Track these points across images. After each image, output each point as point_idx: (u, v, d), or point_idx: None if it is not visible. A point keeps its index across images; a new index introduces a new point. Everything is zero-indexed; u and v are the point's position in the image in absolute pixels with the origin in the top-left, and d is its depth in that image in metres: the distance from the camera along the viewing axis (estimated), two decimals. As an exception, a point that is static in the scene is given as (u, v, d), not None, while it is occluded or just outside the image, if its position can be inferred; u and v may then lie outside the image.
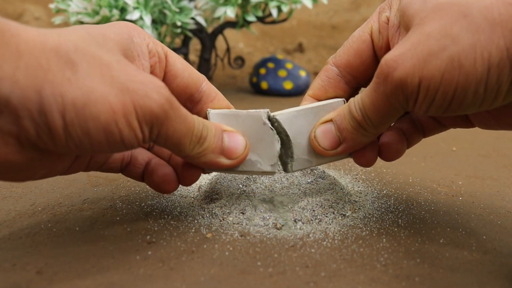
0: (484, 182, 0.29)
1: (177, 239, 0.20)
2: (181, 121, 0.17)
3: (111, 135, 0.16)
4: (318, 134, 0.20)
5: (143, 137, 0.17)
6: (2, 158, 0.15)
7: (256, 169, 0.21)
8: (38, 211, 0.23)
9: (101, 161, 0.20)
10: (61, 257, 0.19)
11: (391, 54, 0.17)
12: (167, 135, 0.17)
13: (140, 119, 0.16)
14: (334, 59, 0.21)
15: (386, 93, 0.17)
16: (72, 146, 0.15)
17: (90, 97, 0.15)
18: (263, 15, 0.56)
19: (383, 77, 0.17)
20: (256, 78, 0.64)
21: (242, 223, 0.22)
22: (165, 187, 0.21)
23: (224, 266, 0.18)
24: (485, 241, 0.21)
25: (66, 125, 0.15)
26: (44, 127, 0.15)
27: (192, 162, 0.19)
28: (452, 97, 0.16)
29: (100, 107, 0.15)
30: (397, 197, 0.26)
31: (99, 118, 0.15)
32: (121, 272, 0.18)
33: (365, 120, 0.19)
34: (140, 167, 0.21)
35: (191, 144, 0.18)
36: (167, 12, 0.50)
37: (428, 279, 0.18)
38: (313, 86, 0.22)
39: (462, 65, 0.15)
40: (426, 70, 0.16)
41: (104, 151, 0.16)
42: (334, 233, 0.21)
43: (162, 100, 0.16)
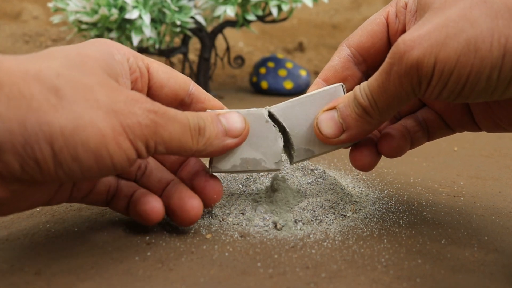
0: (486, 183, 0.29)
1: (177, 240, 0.20)
2: (173, 122, 0.17)
3: (101, 159, 0.15)
4: (321, 121, 0.20)
5: (138, 154, 0.16)
6: None
7: (261, 168, 0.21)
8: (37, 211, 0.23)
9: (84, 191, 0.20)
10: (59, 258, 0.18)
11: (409, 35, 0.16)
12: (165, 141, 0.17)
13: (131, 137, 0.16)
14: (347, 40, 0.21)
15: (400, 73, 0.17)
16: (61, 173, 0.15)
17: (79, 123, 0.15)
18: (263, 14, 0.56)
19: (399, 55, 0.16)
20: (256, 77, 0.64)
21: (242, 223, 0.22)
22: (148, 217, 0.19)
23: (224, 267, 0.18)
24: (487, 242, 0.21)
25: (55, 154, 0.15)
26: (29, 160, 0.14)
27: (202, 156, 0.19)
28: (466, 81, 0.16)
29: (89, 133, 0.15)
30: (398, 197, 0.26)
31: (89, 144, 0.15)
32: (120, 273, 0.17)
33: (370, 105, 0.18)
34: (124, 199, 0.20)
35: (193, 139, 0.18)
36: (166, 11, 0.50)
37: (429, 280, 0.17)
38: (324, 69, 0.22)
39: (479, 48, 0.15)
40: (443, 52, 0.16)
41: (94, 176, 0.16)
42: (335, 234, 0.21)
43: (145, 113, 0.16)
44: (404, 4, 0.20)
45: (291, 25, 0.97)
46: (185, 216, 0.19)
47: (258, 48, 0.91)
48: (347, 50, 0.21)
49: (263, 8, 0.56)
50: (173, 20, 0.51)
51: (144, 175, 0.21)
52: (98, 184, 0.20)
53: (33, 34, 0.79)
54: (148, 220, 0.19)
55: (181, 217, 0.20)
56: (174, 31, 0.54)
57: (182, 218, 0.20)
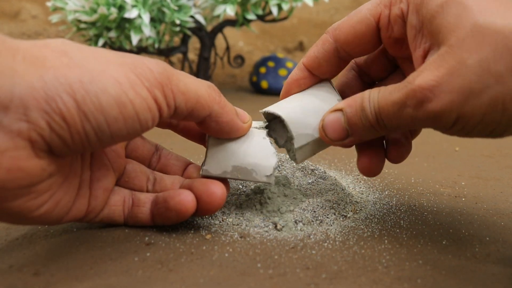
0: (488, 183, 0.29)
1: (176, 241, 0.20)
2: (186, 75, 0.18)
3: (124, 107, 0.15)
4: (327, 125, 0.20)
5: (158, 106, 0.16)
6: (14, 165, 0.14)
7: (251, 178, 0.21)
8: (35, 211, 0.23)
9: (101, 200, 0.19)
10: (58, 259, 0.18)
11: (426, 79, 0.16)
12: (182, 91, 0.17)
13: (147, 85, 0.16)
14: (334, 32, 0.20)
15: (414, 117, 0.16)
16: (89, 129, 0.15)
17: (94, 74, 0.15)
18: (263, 13, 0.56)
19: (415, 103, 0.16)
20: (256, 77, 0.64)
21: (241, 224, 0.22)
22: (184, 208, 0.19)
23: (224, 267, 0.18)
24: (488, 243, 0.21)
25: (79, 105, 0.14)
26: (55, 115, 0.14)
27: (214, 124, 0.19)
28: (489, 133, 0.16)
29: (106, 81, 0.15)
30: (399, 198, 0.26)
31: (109, 91, 0.15)
32: (119, 274, 0.17)
33: (378, 123, 0.18)
34: (145, 206, 0.20)
35: (210, 96, 0.18)
36: (165, 10, 0.50)
37: (430, 281, 0.17)
38: (309, 55, 0.21)
39: (506, 108, 0.15)
40: (466, 108, 0.15)
41: (121, 131, 0.16)
42: (335, 234, 0.21)
43: (155, 62, 0.17)
44: (401, 13, 0.19)
45: (291, 25, 0.97)
46: (213, 199, 0.19)
47: (258, 47, 0.91)
48: (333, 44, 0.21)
49: (263, 7, 0.56)
50: (173, 19, 0.51)
51: (155, 183, 0.21)
52: (113, 195, 0.20)
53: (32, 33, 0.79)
54: (183, 212, 0.19)
55: (208, 202, 0.19)
56: (174, 31, 0.54)
57: (210, 202, 0.19)
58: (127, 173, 0.21)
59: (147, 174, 0.21)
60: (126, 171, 0.21)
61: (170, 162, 0.22)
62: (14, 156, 0.14)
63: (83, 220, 0.19)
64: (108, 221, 0.20)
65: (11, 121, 0.14)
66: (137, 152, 0.22)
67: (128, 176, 0.21)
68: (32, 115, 0.14)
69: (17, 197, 0.15)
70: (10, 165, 0.14)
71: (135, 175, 0.21)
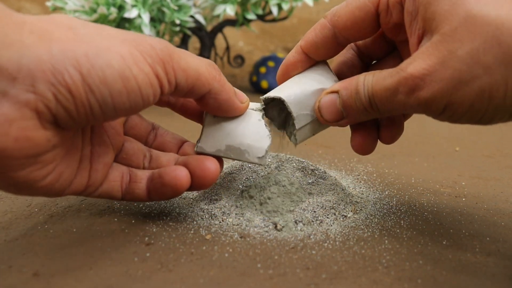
0: (488, 183, 0.29)
1: (176, 241, 0.20)
2: (187, 53, 0.18)
3: (128, 81, 0.16)
4: (322, 106, 0.20)
5: (160, 82, 0.17)
6: (21, 134, 0.15)
7: (243, 158, 0.21)
8: (35, 212, 0.23)
9: (101, 174, 0.20)
10: (58, 259, 0.18)
11: (417, 67, 0.16)
12: (183, 69, 0.17)
13: (149, 61, 0.16)
14: (333, 18, 0.21)
15: (406, 103, 0.17)
16: (94, 101, 0.15)
17: (99, 49, 0.15)
18: (263, 13, 0.56)
19: (407, 90, 0.17)
20: (256, 77, 0.64)
21: (241, 224, 0.22)
22: (178, 182, 0.19)
23: (224, 268, 0.18)
24: (488, 243, 0.21)
25: (84, 78, 0.15)
26: (61, 87, 0.15)
27: (213, 101, 0.19)
28: (477, 121, 0.16)
29: (111, 56, 0.15)
30: (399, 198, 0.26)
31: (113, 65, 0.15)
32: (118, 274, 0.17)
33: (372, 107, 0.19)
34: (142, 181, 0.21)
35: (210, 74, 0.19)
36: (165, 10, 0.50)
37: (430, 281, 0.17)
38: (307, 38, 0.21)
39: (493, 97, 0.15)
40: (455, 97, 0.16)
41: (124, 104, 0.16)
42: (336, 235, 0.21)
43: (157, 40, 0.17)
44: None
45: (291, 24, 0.97)
46: (207, 174, 0.20)
47: (258, 47, 0.91)
48: (331, 30, 0.21)
49: (263, 7, 0.56)
50: (173, 19, 0.51)
51: (151, 161, 0.22)
52: (112, 170, 0.20)
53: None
54: (178, 187, 0.20)
55: (202, 177, 0.20)
56: (174, 30, 0.54)
57: (203, 177, 0.20)
58: (125, 150, 0.21)
59: (144, 151, 0.22)
60: (124, 148, 0.21)
61: (166, 140, 0.23)
62: (21, 126, 0.15)
63: (82, 194, 0.19)
64: (106, 196, 0.20)
65: (19, 92, 0.14)
66: (135, 130, 0.22)
67: (126, 153, 0.21)
68: (39, 86, 0.14)
69: (23, 167, 0.15)
70: (18, 135, 0.15)
71: (132, 152, 0.21)
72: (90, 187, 0.19)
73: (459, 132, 0.42)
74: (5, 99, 0.14)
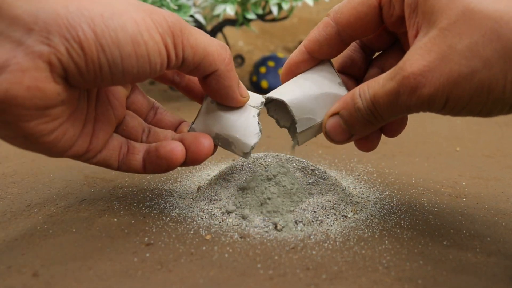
0: (488, 183, 0.29)
1: (176, 241, 0.20)
2: (198, 31, 0.19)
3: (138, 46, 0.16)
4: (329, 131, 0.21)
5: (168, 52, 0.17)
6: (33, 84, 0.15)
7: (229, 149, 0.22)
8: (34, 212, 0.23)
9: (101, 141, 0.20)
10: (57, 259, 0.18)
11: (418, 65, 0.16)
12: (191, 45, 0.18)
13: (160, 31, 0.17)
14: (336, 15, 0.21)
15: (409, 103, 0.17)
16: (104, 61, 0.16)
17: (114, 11, 0.16)
18: (263, 12, 0.56)
19: (409, 90, 0.17)
20: (256, 77, 0.63)
21: (241, 224, 0.22)
22: (173, 156, 0.20)
23: (224, 268, 0.18)
24: (489, 243, 0.21)
25: (98, 36, 0.15)
26: (74, 43, 0.15)
27: (215, 83, 0.20)
28: (477, 113, 0.17)
29: (125, 19, 0.16)
30: (400, 198, 0.26)
31: (127, 28, 0.16)
32: (118, 274, 0.17)
33: (375, 118, 0.19)
34: (139, 154, 0.21)
35: (220, 55, 0.19)
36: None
37: (431, 281, 0.17)
38: (310, 37, 0.22)
39: (492, 90, 0.15)
40: (455, 91, 0.16)
41: (132, 68, 0.17)
42: (336, 235, 0.21)
43: (174, 15, 0.18)
44: None
45: (291, 24, 0.97)
46: (201, 148, 0.20)
47: (258, 47, 0.91)
48: (335, 27, 0.21)
49: (263, 7, 0.56)
50: (173, 19, 0.50)
51: (149, 135, 0.22)
52: (111, 140, 0.21)
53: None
54: (173, 160, 0.20)
55: (196, 151, 0.20)
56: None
57: (198, 151, 0.20)
58: (126, 123, 0.22)
59: (143, 126, 0.23)
60: (125, 121, 0.22)
61: (165, 118, 0.24)
62: (34, 76, 0.15)
63: (81, 158, 0.20)
64: (104, 164, 0.21)
65: (34, 43, 0.15)
66: (136, 105, 0.23)
67: (126, 125, 0.22)
68: (53, 39, 0.15)
69: (32, 117, 0.16)
70: (30, 84, 0.15)
71: (132, 125, 0.22)
72: (89, 152, 0.20)
73: (459, 132, 0.42)
74: (20, 49, 0.15)
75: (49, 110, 0.16)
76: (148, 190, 0.26)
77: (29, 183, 0.27)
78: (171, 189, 0.26)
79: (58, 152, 0.18)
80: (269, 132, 0.41)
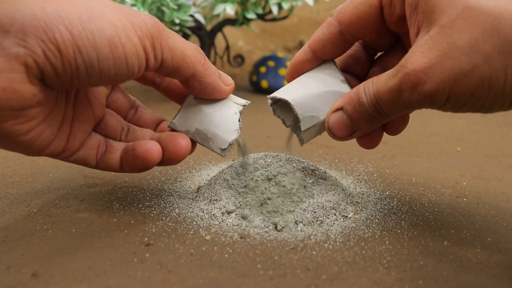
0: (489, 183, 0.29)
1: (176, 241, 0.20)
2: (176, 35, 0.19)
3: (115, 48, 0.16)
4: (332, 126, 0.20)
5: (146, 55, 0.17)
6: (8, 86, 0.15)
7: (207, 146, 0.22)
8: (34, 212, 0.23)
9: (79, 140, 0.20)
10: (57, 260, 0.18)
11: (419, 62, 0.16)
12: (170, 47, 0.18)
13: (139, 34, 0.17)
14: (339, 15, 0.21)
15: (411, 99, 0.17)
16: (81, 62, 0.16)
17: (92, 13, 0.16)
18: (263, 12, 0.56)
19: (410, 85, 0.17)
20: (256, 76, 0.63)
21: (241, 225, 0.21)
22: (149, 156, 0.20)
23: (224, 268, 0.18)
24: (490, 243, 0.21)
25: (75, 38, 0.16)
26: (50, 44, 0.15)
27: (197, 83, 0.20)
28: (478, 109, 0.17)
29: (103, 22, 0.16)
30: (400, 198, 0.26)
31: (104, 31, 0.16)
32: (118, 275, 0.17)
33: (379, 113, 0.19)
34: (116, 152, 0.21)
35: (195, 57, 0.19)
36: (165, 9, 0.50)
37: (432, 282, 0.17)
38: (314, 37, 0.22)
39: (492, 86, 0.16)
40: (457, 87, 0.16)
41: (109, 70, 0.17)
42: (336, 235, 0.21)
43: (149, 16, 0.18)
44: None
45: (291, 24, 0.96)
46: (178, 149, 0.21)
47: (258, 46, 0.90)
48: (338, 27, 0.21)
49: (263, 6, 0.56)
50: (172, 19, 0.50)
51: (128, 134, 0.22)
52: (89, 138, 0.21)
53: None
54: (149, 160, 0.20)
55: (173, 152, 0.21)
56: (173, 30, 0.54)
57: (174, 152, 0.21)
58: (105, 121, 0.22)
59: (122, 124, 0.23)
60: (104, 119, 0.22)
61: (145, 116, 0.24)
62: (9, 77, 0.15)
63: (59, 157, 0.20)
64: (81, 162, 0.21)
65: (10, 44, 0.15)
66: (117, 103, 0.23)
67: (105, 124, 0.22)
68: (30, 41, 0.15)
69: (8, 118, 0.16)
70: (5, 86, 0.15)
71: (111, 123, 0.22)
72: (67, 151, 0.20)
73: (460, 132, 0.42)
74: None
75: (25, 111, 0.16)
76: (147, 190, 0.26)
77: (28, 183, 0.27)
78: (170, 189, 0.26)
79: (35, 152, 0.18)
80: (269, 132, 0.40)
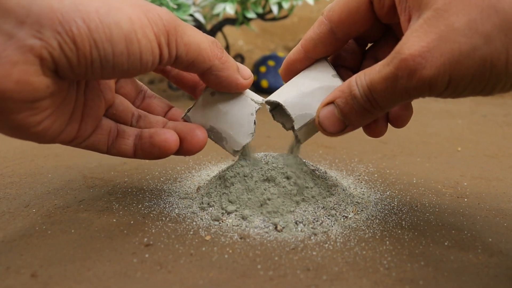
0: (490, 183, 0.29)
1: (175, 242, 0.20)
2: (193, 29, 0.19)
3: (131, 44, 0.16)
4: (323, 120, 0.20)
5: (160, 51, 0.17)
6: (22, 77, 0.15)
7: (220, 144, 0.22)
8: (33, 212, 0.23)
9: (90, 126, 0.20)
10: (56, 260, 0.18)
11: (416, 46, 0.16)
12: (185, 43, 0.18)
13: (155, 29, 0.17)
14: (329, 13, 0.21)
15: (408, 87, 0.16)
16: (96, 55, 0.16)
17: (110, 7, 0.16)
18: (263, 11, 0.56)
19: (408, 72, 0.16)
20: (256, 76, 0.63)
21: (241, 225, 0.21)
22: (168, 145, 0.20)
23: (223, 269, 0.18)
24: (491, 244, 0.21)
25: (91, 32, 0.15)
26: (66, 37, 0.15)
27: (214, 77, 0.20)
28: (479, 92, 0.16)
29: (121, 16, 0.16)
30: (401, 198, 0.26)
31: (121, 26, 0.16)
32: (117, 275, 0.17)
33: (372, 105, 0.18)
34: (129, 138, 0.21)
35: (212, 51, 0.19)
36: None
37: (432, 282, 0.17)
38: (306, 36, 0.22)
39: (494, 65, 0.15)
40: (457, 70, 0.15)
41: (123, 65, 0.17)
42: (336, 236, 0.21)
43: (168, 12, 0.18)
44: None
45: (291, 23, 0.96)
46: (195, 140, 0.21)
47: (258, 46, 0.90)
48: (328, 25, 0.21)
49: (263, 6, 0.56)
50: (173, 18, 0.50)
51: (139, 120, 0.22)
52: (100, 124, 0.21)
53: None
54: (166, 149, 0.20)
55: (191, 143, 0.21)
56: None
57: (192, 143, 0.21)
58: (115, 106, 0.22)
59: (132, 110, 0.23)
60: (115, 105, 0.22)
61: (154, 102, 0.24)
62: (23, 69, 0.15)
63: (71, 144, 0.20)
64: (92, 148, 0.21)
65: (25, 36, 0.15)
66: (125, 88, 0.23)
67: (116, 109, 0.22)
68: (45, 33, 0.15)
69: (21, 110, 0.16)
70: (19, 78, 0.15)
71: (122, 109, 0.22)
72: (78, 138, 0.20)
73: (461, 132, 0.42)
74: (10, 42, 0.15)
75: (38, 102, 0.16)
76: (147, 191, 0.26)
77: (27, 183, 0.27)
78: (170, 189, 0.26)
79: (47, 140, 0.18)
80: (269, 132, 0.40)
